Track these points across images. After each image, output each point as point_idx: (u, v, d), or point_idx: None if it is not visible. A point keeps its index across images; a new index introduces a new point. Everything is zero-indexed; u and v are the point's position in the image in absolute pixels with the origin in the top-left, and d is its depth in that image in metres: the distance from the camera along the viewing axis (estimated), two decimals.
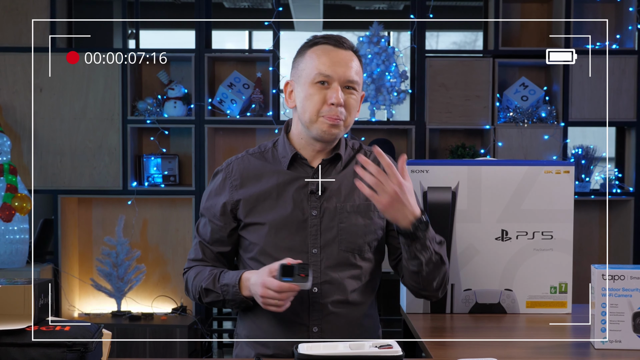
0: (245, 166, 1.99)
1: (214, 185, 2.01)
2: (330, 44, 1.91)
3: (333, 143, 1.96)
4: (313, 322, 1.90)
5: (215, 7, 5.66)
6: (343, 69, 1.88)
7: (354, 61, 1.92)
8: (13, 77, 4.28)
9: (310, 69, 1.90)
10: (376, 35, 4.42)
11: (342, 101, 1.87)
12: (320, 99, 1.88)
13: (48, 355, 1.50)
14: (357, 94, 1.92)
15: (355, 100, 1.92)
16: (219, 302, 1.92)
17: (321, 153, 1.97)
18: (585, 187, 4.38)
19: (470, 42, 9.03)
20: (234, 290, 1.86)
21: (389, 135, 4.55)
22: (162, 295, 4.47)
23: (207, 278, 1.92)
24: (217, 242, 1.99)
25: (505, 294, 2.20)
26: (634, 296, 1.74)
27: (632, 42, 4.38)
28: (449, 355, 1.74)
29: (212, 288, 1.90)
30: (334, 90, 1.87)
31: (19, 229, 4.04)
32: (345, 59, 1.90)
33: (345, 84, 1.89)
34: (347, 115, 1.90)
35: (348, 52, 1.92)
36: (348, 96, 1.90)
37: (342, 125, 1.90)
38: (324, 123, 1.88)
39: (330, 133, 1.89)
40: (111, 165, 4.30)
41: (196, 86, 4.31)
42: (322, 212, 1.92)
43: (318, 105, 1.88)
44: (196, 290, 1.95)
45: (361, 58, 1.98)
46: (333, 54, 1.90)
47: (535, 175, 2.18)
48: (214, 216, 1.98)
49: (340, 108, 1.87)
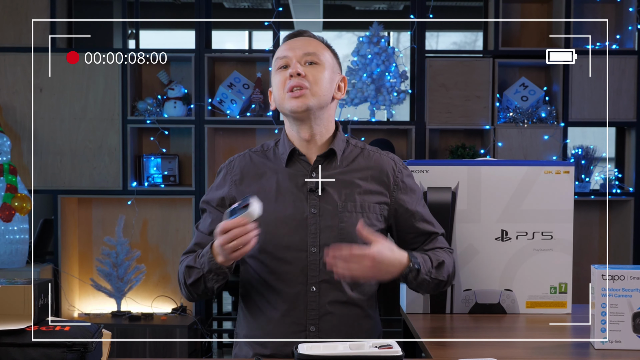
0: (246, 163, 2.00)
1: (216, 181, 2.03)
2: (290, 35, 1.99)
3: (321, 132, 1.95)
4: (310, 321, 1.90)
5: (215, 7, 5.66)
6: (300, 47, 1.93)
7: (313, 42, 1.96)
8: (13, 77, 4.29)
9: (274, 62, 1.97)
10: (376, 35, 4.42)
11: (299, 71, 1.89)
12: (283, 78, 1.92)
13: (48, 355, 1.50)
14: (321, 68, 1.92)
15: (320, 72, 1.92)
16: (200, 281, 1.87)
17: (315, 148, 1.96)
18: (585, 187, 4.38)
19: (470, 42, 9.03)
20: (209, 256, 1.82)
21: (389, 136, 4.55)
22: (162, 296, 4.48)
23: (190, 259, 1.91)
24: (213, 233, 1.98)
25: (505, 294, 2.20)
26: (633, 296, 1.74)
27: (632, 42, 4.38)
28: (448, 356, 1.74)
29: (193, 264, 1.88)
30: (292, 66, 1.91)
31: (18, 229, 4.04)
32: (304, 41, 1.96)
33: (304, 59, 1.92)
34: (313, 85, 1.90)
35: (307, 38, 1.97)
36: (309, 69, 1.91)
37: (310, 95, 1.90)
38: (289, 97, 1.90)
39: (298, 105, 1.89)
40: (111, 166, 4.30)
41: (196, 86, 4.31)
42: (322, 211, 1.91)
43: (282, 84, 1.92)
44: (182, 275, 1.92)
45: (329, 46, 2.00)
46: (291, 42, 1.97)
47: (535, 175, 2.18)
48: (212, 207, 1.98)
49: (299, 77, 1.89)
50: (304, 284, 1.90)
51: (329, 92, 1.94)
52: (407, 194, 2.00)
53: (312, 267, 1.90)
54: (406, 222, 1.98)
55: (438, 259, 1.95)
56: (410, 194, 2.01)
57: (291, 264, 1.89)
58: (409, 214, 1.98)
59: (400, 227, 1.99)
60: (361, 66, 4.41)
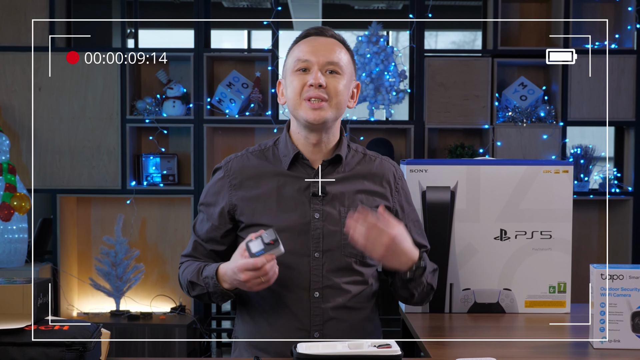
0: (244, 165, 1.95)
1: (213, 182, 1.98)
2: (312, 33, 1.92)
3: (329, 139, 1.93)
4: (314, 327, 1.88)
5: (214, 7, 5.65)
6: (323, 53, 1.87)
7: (336, 46, 1.90)
8: (12, 76, 4.28)
9: (292, 60, 1.91)
10: (375, 34, 4.42)
11: (321, 82, 1.84)
12: (301, 83, 1.87)
13: (47, 355, 1.50)
14: (341, 78, 1.88)
15: (340, 83, 1.88)
16: (205, 295, 1.88)
17: (321, 153, 1.93)
18: (584, 186, 4.38)
19: (469, 41, 9.03)
20: (213, 282, 1.82)
21: (388, 135, 4.55)
22: (161, 295, 4.47)
23: (193, 271, 1.90)
24: (211, 240, 1.96)
25: (504, 293, 2.20)
26: (632, 296, 1.75)
27: (631, 41, 4.38)
28: (447, 355, 1.74)
29: (196, 281, 1.87)
30: (313, 73, 1.86)
31: (17, 229, 4.04)
32: (326, 44, 1.89)
33: (326, 68, 1.87)
34: (332, 96, 1.86)
35: (330, 40, 1.91)
36: (330, 78, 1.87)
37: (328, 108, 1.86)
38: (307, 107, 1.86)
39: (315, 117, 1.85)
40: (110, 165, 4.30)
41: (195, 85, 4.31)
42: (325, 216, 1.89)
43: (299, 88, 1.87)
44: (184, 284, 1.93)
45: (349, 48, 1.95)
46: (313, 42, 1.90)
47: (534, 174, 2.18)
48: (210, 215, 1.95)
49: (320, 89, 1.85)
50: (306, 289, 1.87)
51: (346, 102, 1.92)
52: (407, 201, 2.01)
53: (315, 272, 1.88)
54: None
55: (433, 266, 1.96)
56: (410, 200, 2.02)
57: (293, 269, 1.86)
58: (405, 222, 1.96)
59: None
60: (360, 65, 4.41)
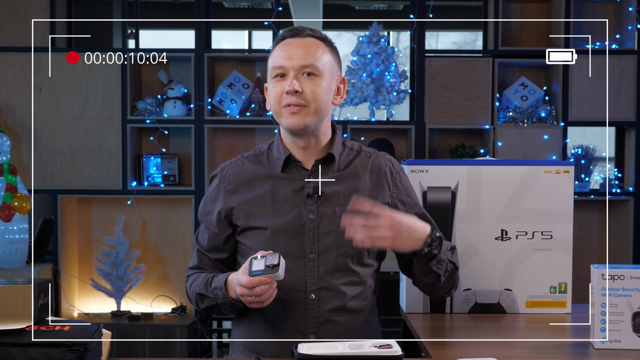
0: (238, 170, 1.95)
1: (209, 191, 1.99)
2: (287, 36, 1.89)
3: (318, 139, 1.91)
4: (310, 329, 1.86)
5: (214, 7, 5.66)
6: (297, 56, 1.84)
7: (311, 46, 1.86)
8: (13, 76, 4.28)
9: (270, 66, 1.89)
10: (376, 35, 4.42)
11: (296, 88, 1.82)
12: (279, 91, 1.86)
13: (48, 355, 1.50)
14: (319, 80, 1.85)
15: (317, 86, 1.84)
16: (214, 307, 1.88)
17: (312, 153, 1.92)
18: (585, 187, 4.38)
19: (470, 42, 9.03)
20: (222, 292, 1.82)
21: (389, 135, 4.55)
22: (162, 295, 4.47)
23: (201, 283, 1.89)
24: (214, 249, 1.96)
25: (505, 293, 2.20)
26: (633, 296, 1.74)
27: (631, 42, 4.37)
28: (448, 355, 1.74)
29: (205, 293, 1.87)
30: (289, 79, 1.84)
31: (18, 229, 4.04)
32: (300, 45, 1.86)
33: (302, 71, 1.85)
34: (311, 101, 1.84)
35: (304, 39, 1.88)
36: (307, 82, 1.84)
37: (307, 113, 1.84)
38: (287, 114, 1.85)
39: (295, 124, 1.84)
40: (111, 165, 4.30)
41: (196, 86, 4.31)
42: (320, 217, 1.88)
43: (277, 97, 1.86)
44: (193, 297, 1.93)
45: (330, 44, 1.92)
46: (287, 45, 1.87)
47: (534, 175, 2.18)
48: (209, 223, 1.96)
49: (297, 95, 1.83)
50: (302, 291, 1.86)
51: (328, 103, 1.89)
52: (407, 195, 1.98)
53: (310, 274, 1.87)
54: None
55: (451, 244, 1.93)
56: (410, 193, 1.99)
57: (289, 271, 1.82)
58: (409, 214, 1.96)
59: None
60: (361, 66, 4.41)
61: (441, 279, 1.89)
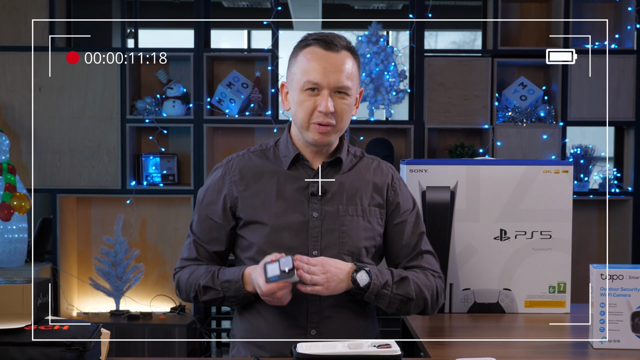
0: (245, 163, 1.97)
1: (212, 181, 1.99)
2: (321, 46, 1.86)
3: (330, 147, 1.95)
4: (311, 324, 1.89)
5: (214, 6, 5.65)
6: (333, 75, 1.84)
7: (345, 64, 1.87)
8: (12, 76, 4.28)
9: (300, 75, 1.87)
10: (375, 34, 4.42)
11: (331, 109, 1.84)
12: (310, 106, 1.86)
13: (47, 355, 1.50)
14: (349, 98, 1.88)
15: (347, 105, 1.88)
16: (217, 300, 1.90)
17: (321, 155, 1.96)
18: (584, 186, 4.38)
19: (469, 41, 9.03)
20: (237, 286, 1.85)
21: (388, 135, 4.55)
22: (161, 295, 4.47)
23: (204, 275, 1.90)
24: (213, 240, 1.96)
25: (504, 293, 2.20)
26: (632, 296, 1.75)
27: (631, 41, 4.38)
28: (447, 355, 1.74)
29: (211, 285, 1.88)
30: (323, 98, 1.84)
31: (17, 228, 4.04)
32: (336, 63, 1.85)
33: (335, 90, 1.86)
34: (339, 121, 1.88)
35: (339, 55, 1.87)
36: (339, 101, 1.87)
37: (333, 132, 1.89)
38: (315, 131, 1.87)
39: (321, 141, 1.89)
40: (110, 165, 4.29)
41: (195, 85, 4.31)
42: (324, 215, 1.90)
43: (308, 112, 1.87)
44: (192, 289, 1.92)
45: (356, 55, 1.93)
46: (322, 60, 1.85)
47: (534, 174, 2.18)
48: (213, 213, 1.96)
49: (329, 115, 1.86)
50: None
51: (350, 119, 1.94)
52: (403, 203, 1.99)
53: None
54: (395, 229, 1.96)
55: (401, 274, 1.89)
56: (406, 203, 2.00)
57: None
58: (399, 222, 1.96)
59: (388, 234, 1.97)
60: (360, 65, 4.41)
61: (389, 310, 1.89)
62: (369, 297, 1.84)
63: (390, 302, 1.86)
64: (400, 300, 1.87)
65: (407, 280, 1.88)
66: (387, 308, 1.88)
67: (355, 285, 1.82)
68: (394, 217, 1.97)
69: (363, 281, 1.82)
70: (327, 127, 1.87)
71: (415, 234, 1.97)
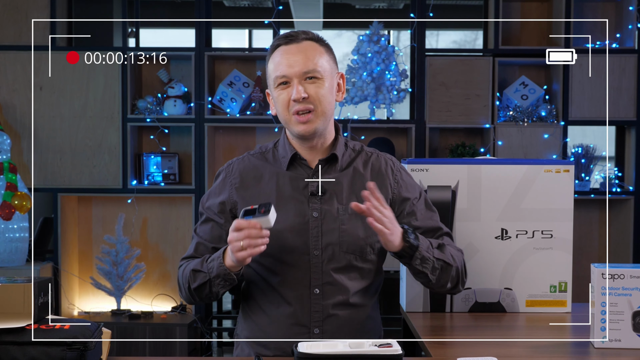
0: (245, 166, 1.99)
1: (215, 185, 2.02)
2: (282, 42, 1.92)
3: (324, 139, 1.96)
4: (314, 323, 1.90)
5: (215, 6, 5.66)
6: (297, 64, 1.88)
7: (309, 51, 1.90)
8: (13, 75, 4.28)
9: (272, 74, 1.93)
10: (376, 34, 4.41)
11: (303, 94, 1.87)
12: (286, 99, 1.90)
13: (48, 354, 1.50)
14: (322, 81, 1.90)
15: (322, 88, 1.89)
16: (206, 285, 1.86)
17: (317, 153, 1.97)
18: (585, 186, 4.38)
19: (470, 41, 9.03)
20: (219, 262, 1.82)
21: (389, 134, 4.55)
22: (162, 294, 4.48)
23: (196, 263, 1.90)
24: (215, 239, 1.97)
25: (505, 292, 2.20)
26: (633, 295, 1.74)
27: (632, 41, 4.37)
28: (448, 354, 1.74)
29: (200, 268, 1.87)
30: (293, 87, 1.88)
31: (18, 228, 4.04)
32: (299, 52, 1.89)
33: (304, 77, 1.88)
34: (317, 105, 1.89)
35: (301, 44, 1.91)
36: (310, 86, 1.89)
37: (315, 117, 1.89)
38: (296, 122, 1.90)
39: (306, 130, 1.90)
40: (111, 164, 4.30)
41: (196, 85, 4.31)
42: (323, 214, 1.91)
43: (285, 105, 1.90)
44: (185, 279, 1.91)
45: (323, 43, 1.95)
46: (286, 53, 1.90)
47: (535, 174, 2.18)
48: (214, 213, 1.98)
49: (304, 101, 1.87)
50: (307, 286, 1.90)
51: (332, 102, 1.94)
52: (408, 192, 2.00)
53: (314, 269, 1.90)
54: (407, 219, 1.97)
55: (438, 242, 1.94)
56: (412, 191, 2.01)
57: (294, 266, 1.89)
58: (410, 211, 1.98)
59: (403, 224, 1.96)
60: (361, 65, 4.41)
61: (430, 277, 1.90)
62: (416, 259, 1.86)
63: (433, 268, 1.88)
64: (441, 267, 1.90)
65: (444, 247, 1.93)
66: (431, 273, 1.89)
67: (409, 243, 1.84)
68: (403, 208, 1.98)
69: (414, 240, 1.85)
70: (307, 115, 1.88)
71: (427, 217, 1.99)
